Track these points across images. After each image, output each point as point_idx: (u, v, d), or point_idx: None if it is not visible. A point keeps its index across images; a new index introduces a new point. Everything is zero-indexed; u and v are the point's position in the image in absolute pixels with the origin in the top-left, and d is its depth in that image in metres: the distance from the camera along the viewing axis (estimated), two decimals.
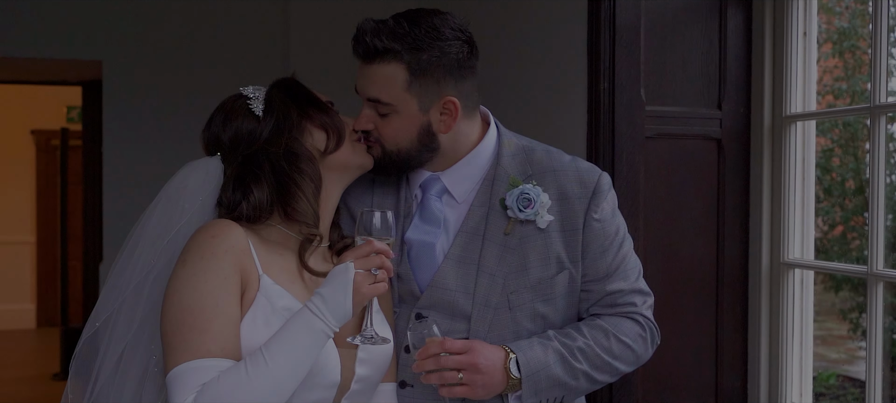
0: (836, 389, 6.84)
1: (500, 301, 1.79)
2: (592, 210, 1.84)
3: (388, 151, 1.79)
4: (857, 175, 7.13)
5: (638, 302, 1.89)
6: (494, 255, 1.80)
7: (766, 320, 2.85)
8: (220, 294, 1.57)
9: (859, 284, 6.97)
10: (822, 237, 7.43)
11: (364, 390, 1.72)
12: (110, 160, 4.46)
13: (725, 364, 2.86)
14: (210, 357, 1.53)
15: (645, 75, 2.72)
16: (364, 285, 1.58)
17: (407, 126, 1.77)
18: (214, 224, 1.65)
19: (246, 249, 1.63)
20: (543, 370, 1.76)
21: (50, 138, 8.90)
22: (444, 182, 1.85)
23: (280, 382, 1.52)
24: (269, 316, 1.60)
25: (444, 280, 1.81)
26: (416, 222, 1.85)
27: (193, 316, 1.56)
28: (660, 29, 2.75)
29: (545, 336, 1.81)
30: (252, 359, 1.53)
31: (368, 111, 1.79)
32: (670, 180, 2.78)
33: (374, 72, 1.75)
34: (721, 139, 2.82)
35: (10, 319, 9.16)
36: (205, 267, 1.58)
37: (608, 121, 2.69)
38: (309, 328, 1.55)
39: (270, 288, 1.63)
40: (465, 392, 1.70)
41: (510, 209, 1.81)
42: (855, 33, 7.35)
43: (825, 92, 7.64)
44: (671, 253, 2.78)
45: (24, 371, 7.33)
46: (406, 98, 1.75)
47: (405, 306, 1.83)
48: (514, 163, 1.86)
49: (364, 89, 1.78)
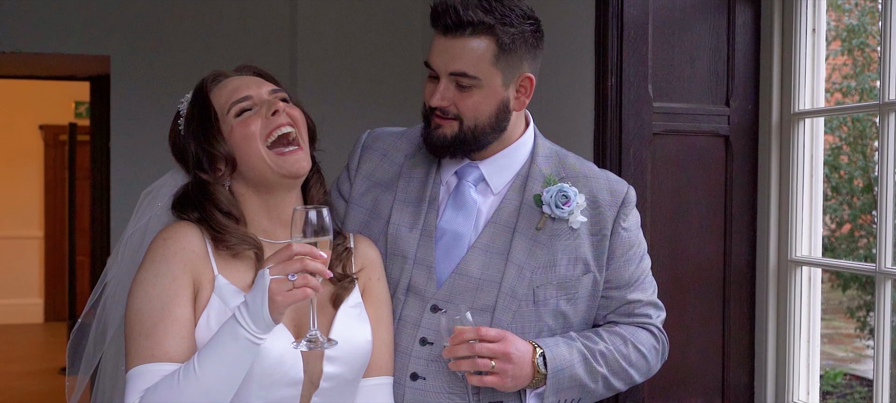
0: (844, 387, 6.82)
1: (526, 293, 1.80)
2: (621, 219, 1.88)
3: (465, 128, 1.79)
4: (866, 173, 7.11)
5: (653, 314, 1.93)
6: (524, 248, 1.82)
7: (774, 318, 2.84)
8: (169, 295, 1.57)
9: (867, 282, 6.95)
10: (829, 235, 7.40)
11: (338, 387, 1.67)
12: (118, 155, 4.47)
13: (732, 362, 2.85)
14: (155, 362, 1.54)
15: (652, 71, 2.71)
16: (279, 293, 1.47)
17: (488, 100, 1.78)
18: (169, 226, 1.67)
19: (200, 251, 1.63)
20: (567, 368, 1.77)
21: (58, 133, 8.93)
22: (483, 170, 1.87)
23: (210, 390, 1.49)
24: (223, 317, 1.58)
25: (469, 267, 1.81)
26: (448, 211, 1.85)
27: (142, 320, 1.57)
28: (667, 25, 2.74)
29: (568, 336, 1.83)
30: (184, 368, 1.51)
31: (446, 87, 1.78)
32: (678, 177, 2.77)
33: (463, 45, 1.75)
34: (729, 136, 2.81)
35: (18, 313, 9.20)
36: (155, 271, 1.60)
37: (615, 117, 2.68)
38: (234, 336, 1.49)
39: (225, 289, 1.61)
40: (495, 381, 1.70)
41: (547, 205, 1.82)
42: (864, 30, 7.32)
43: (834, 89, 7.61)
44: (678, 250, 2.78)
45: (32, 366, 7.37)
46: (492, 72, 1.77)
47: (414, 297, 1.82)
48: (549, 164, 1.89)
49: (447, 63, 1.76)
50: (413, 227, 1.84)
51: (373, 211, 1.89)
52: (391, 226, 1.85)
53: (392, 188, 1.89)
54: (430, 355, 1.79)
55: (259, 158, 1.67)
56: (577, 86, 2.90)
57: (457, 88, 1.77)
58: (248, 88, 1.71)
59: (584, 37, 2.83)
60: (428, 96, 1.81)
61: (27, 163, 9.17)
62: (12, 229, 9.18)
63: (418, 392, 1.79)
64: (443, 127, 1.80)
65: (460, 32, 1.75)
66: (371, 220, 1.89)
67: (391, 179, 1.90)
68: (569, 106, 2.99)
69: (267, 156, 1.67)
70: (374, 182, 1.92)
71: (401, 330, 1.82)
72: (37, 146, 9.20)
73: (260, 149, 1.67)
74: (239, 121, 1.68)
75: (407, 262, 1.82)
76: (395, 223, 1.85)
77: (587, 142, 2.76)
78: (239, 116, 1.69)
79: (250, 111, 1.69)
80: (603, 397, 1.89)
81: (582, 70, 2.85)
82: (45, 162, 9.24)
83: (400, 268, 1.83)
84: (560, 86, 3.08)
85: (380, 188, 1.91)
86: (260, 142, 1.67)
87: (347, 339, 1.66)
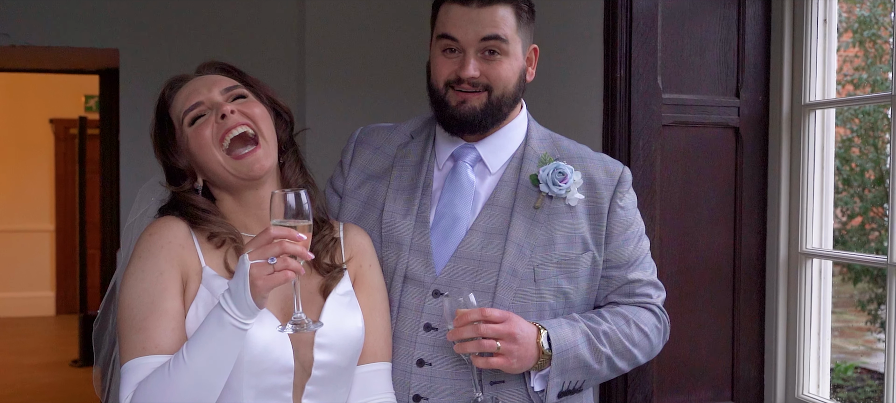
0: (854, 381, 6.79)
1: (527, 272, 1.81)
2: (618, 197, 1.88)
3: (493, 97, 1.82)
4: (877, 165, 7.06)
5: (653, 294, 1.93)
6: (523, 228, 1.82)
7: (784, 311, 2.83)
8: (158, 290, 1.58)
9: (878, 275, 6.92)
10: (840, 227, 7.37)
11: (330, 376, 1.67)
12: (127, 148, 4.48)
13: (742, 355, 2.84)
14: (147, 355, 1.55)
15: (662, 63, 2.70)
16: (260, 276, 1.48)
17: (514, 68, 1.83)
18: (155, 222, 1.68)
19: (186, 243, 1.64)
20: (571, 349, 1.77)
21: (68, 127, 8.96)
22: (480, 151, 1.88)
23: (200, 378, 1.50)
24: (211, 307, 1.58)
25: (469, 250, 1.82)
26: (445, 194, 1.86)
27: (133, 315, 1.58)
28: (677, 16, 2.73)
29: (571, 317, 1.83)
30: (174, 359, 1.53)
31: (476, 57, 1.80)
32: (687, 169, 2.76)
33: (493, 11, 1.79)
34: (739, 128, 2.80)
35: (30, 306, 9.26)
36: (142, 266, 1.61)
37: (624, 109, 2.67)
38: (220, 323, 1.50)
39: (212, 279, 1.62)
40: (501, 362, 1.70)
41: (544, 183, 1.84)
42: (876, 22, 7.27)
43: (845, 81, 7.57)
44: (688, 242, 2.77)
45: (44, 358, 7.41)
46: (516, 39, 1.83)
47: (412, 283, 1.82)
48: (543, 146, 1.91)
49: (478, 30, 1.79)
50: (407, 214, 1.85)
51: (367, 203, 1.90)
52: (385, 214, 1.86)
53: (386, 178, 1.90)
54: (436, 341, 1.79)
55: (217, 164, 1.66)
56: (586, 77, 2.89)
57: (484, 58, 1.80)
58: (198, 93, 1.69)
59: (593, 28, 2.81)
60: (447, 72, 1.81)
61: (38, 157, 9.21)
62: (24, 222, 9.23)
63: (425, 379, 1.79)
64: (469, 100, 1.81)
65: (487, 1, 1.79)
66: (366, 211, 1.90)
67: (385, 170, 1.92)
68: (577, 97, 2.98)
69: (224, 160, 1.66)
70: (369, 174, 1.93)
71: (403, 318, 1.82)
72: (47, 140, 9.24)
73: (216, 154, 1.66)
74: (193, 130, 1.67)
75: (402, 249, 1.83)
76: (389, 211, 1.86)
77: (596, 133, 2.76)
78: (192, 125, 1.68)
79: (203, 117, 1.68)
80: (607, 378, 1.89)
81: (591, 61, 2.84)
82: (56, 155, 9.28)
83: (396, 256, 1.83)
84: (569, 78, 3.07)
85: (374, 179, 1.92)
86: (215, 147, 1.65)
87: (337, 327, 1.65)
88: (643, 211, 1.97)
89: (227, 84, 1.72)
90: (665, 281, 2.75)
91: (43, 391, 6.37)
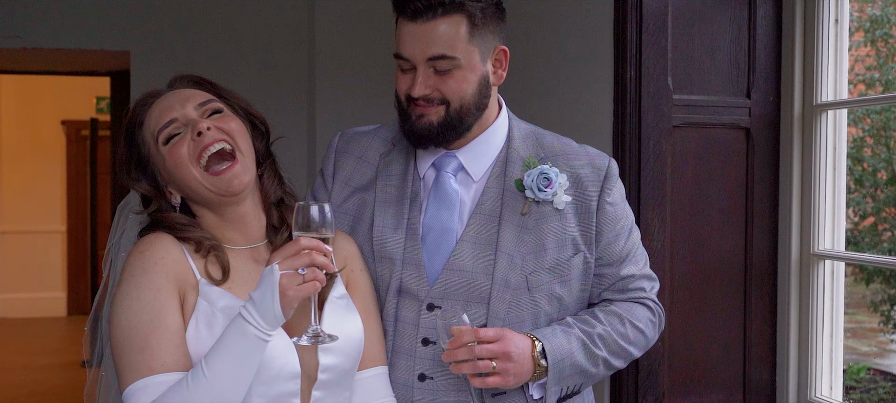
0: (867, 382, 6.75)
1: (520, 282, 1.78)
2: (605, 193, 1.85)
3: (451, 110, 1.76)
4: (889, 165, 7.03)
5: (646, 287, 1.91)
6: (512, 237, 1.79)
7: (796, 312, 2.81)
8: (156, 307, 1.55)
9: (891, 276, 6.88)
10: (852, 228, 7.33)
11: (337, 379, 1.66)
12: None
13: (754, 357, 2.83)
14: (154, 374, 1.52)
15: (672, 63, 2.69)
16: (291, 287, 1.48)
17: (470, 78, 1.76)
18: (143, 239, 1.65)
19: (179, 257, 1.61)
20: (567, 357, 1.76)
21: (80, 128, 9.00)
22: (461, 159, 1.84)
23: (221, 392, 1.49)
24: (211, 319, 1.57)
25: (460, 262, 1.79)
26: (431, 206, 1.83)
27: (132, 335, 1.54)
28: (687, 16, 2.71)
29: (565, 322, 1.81)
30: (193, 373, 1.50)
31: (425, 74, 1.74)
32: (698, 170, 2.75)
33: (435, 27, 1.72)
34: (750, 128, 2.79)
35: (41, 307, 9.30)
36: (136, 285, 1.57)
37: (635, 110, 2.66)
38: (243, 334, 1.49)
39: (209, 291, 1.60)
40: (498, 381, 1.69)
41: (529, 188, 1.80)
42: (888, 21, 7.23)
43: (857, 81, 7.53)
44: (699, 243, 2.76)
45: (55, 359, 7.44)
46: (470, 49, 1.74)
47: (407, 297, 1.80)
48: (526, 145, 1.86)
49: (423, 50, 1.73)
50: (397, 228, 1.81)
51: (356, 217, 1.87)
52: (375, 229, 1.82)
53: (371, 189, 1.86)
54: (435, 354, 1.77)
55: (195, 181, 1.63)
56: (596, 78, 2.88)
57: (436, 73, 1.74)
58: (172, 110, 1.66)
59: (602, 29, 2.81)
60: (405, 87, 1.77)
61: (50, 159, 9.25)
62: (36, 224, 9.27)
63: (428, 392, 1.78)
64: (427, 114, 1.76)
65: (431, 15, 1.72)
66: (356, 225, 1.86)
67: (370, 181, 1.87)
68: (587, 99, 2.97)
69: (202, 178, 1.63)
70: (354, 187, 1.89)
71: (401, 332, 1.80)
72: (59, 141, 9.28)
73: (193, 172, 1.63)
74: (168, 149, 1.64)
75: (395, 264, 1.80)
76: (378, 225, 1.82)
77: (606, 135, 2.75)
78: (167, 144, 1.65)
79: (179, 135, 1.64)
80: (604, 377, 1.88)
81: (601, 62, 2.83)
82: (68, 157, 9.31)
83: (389, 271, 1.80)
84: (579, 79, 3.06)
85: (361, 191, 1.88)
86: (192, 165, 1.63)
87: (340, 331, 1.65)
88: (654, 213, 1.96)
89: (201, 98, 1.68)
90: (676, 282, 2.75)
91: (54, 391, 6.39)
